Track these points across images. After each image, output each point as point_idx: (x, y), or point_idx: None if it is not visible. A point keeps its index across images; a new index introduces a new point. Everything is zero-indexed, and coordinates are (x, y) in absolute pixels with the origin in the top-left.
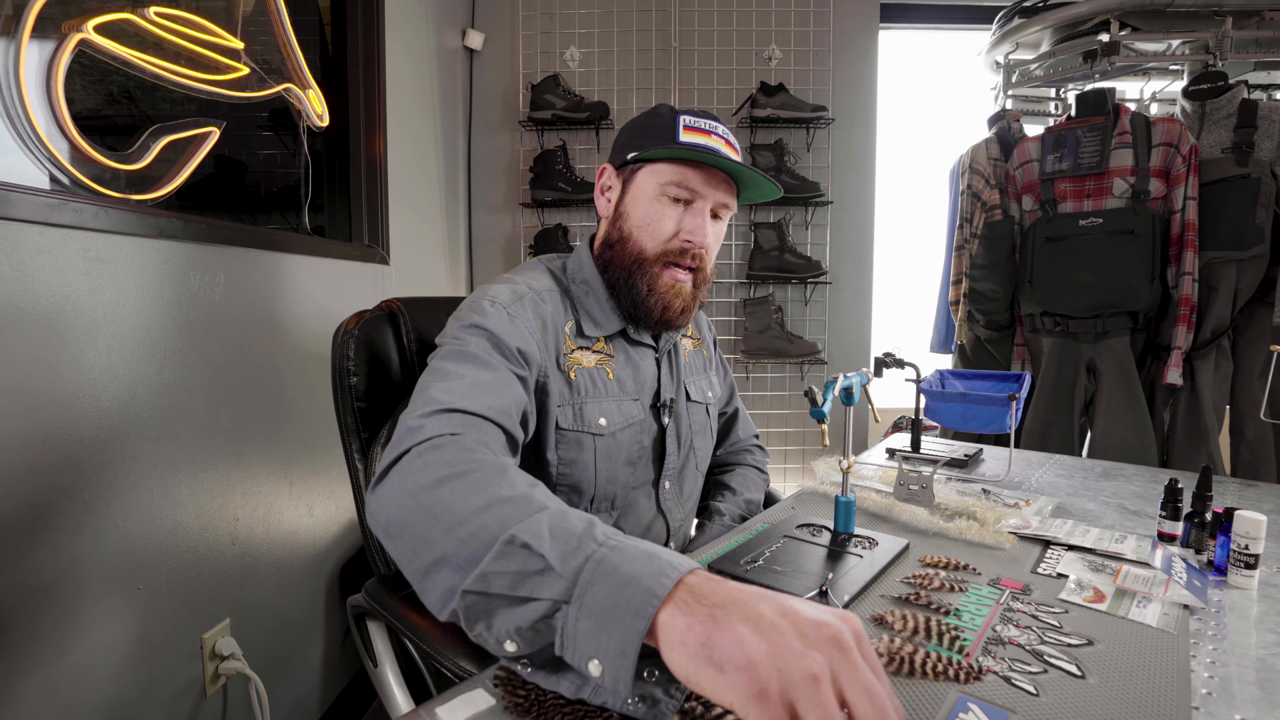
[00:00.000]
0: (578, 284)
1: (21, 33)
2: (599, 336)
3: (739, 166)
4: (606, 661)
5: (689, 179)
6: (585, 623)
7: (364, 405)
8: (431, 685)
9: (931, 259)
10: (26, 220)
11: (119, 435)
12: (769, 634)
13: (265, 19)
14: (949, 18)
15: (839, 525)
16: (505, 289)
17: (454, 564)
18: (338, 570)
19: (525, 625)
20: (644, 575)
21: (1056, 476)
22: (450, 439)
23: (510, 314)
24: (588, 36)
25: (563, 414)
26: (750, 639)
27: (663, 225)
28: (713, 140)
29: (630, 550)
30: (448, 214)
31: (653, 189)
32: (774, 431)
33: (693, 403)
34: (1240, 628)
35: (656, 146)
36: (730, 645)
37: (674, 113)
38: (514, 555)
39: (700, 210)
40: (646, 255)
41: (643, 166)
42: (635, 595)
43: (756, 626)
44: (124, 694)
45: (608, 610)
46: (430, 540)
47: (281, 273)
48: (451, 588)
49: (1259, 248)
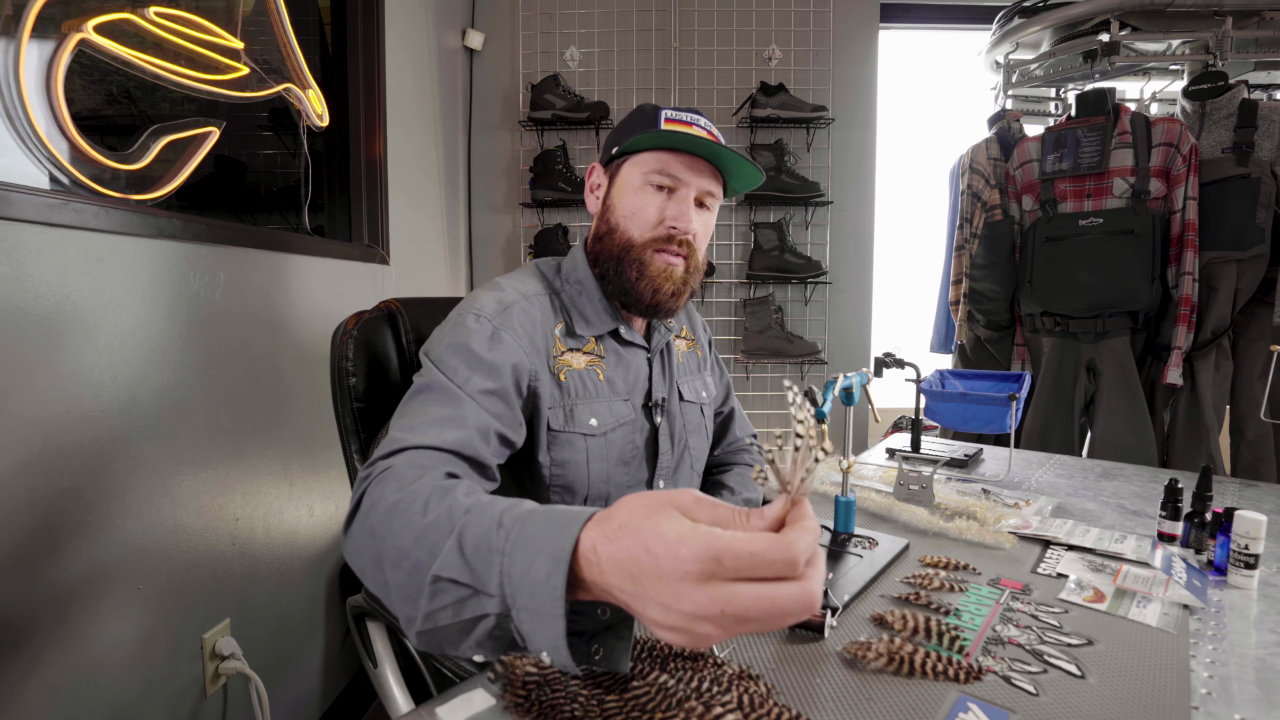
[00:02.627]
0: (571, 284)
1: (21, 33)
2: (589, 337)
3: (719, 148)
4: (553, 654)
5: (670, 166)
6: (527, 624)
7: (363, 406)
8: (432, 685)
9: (931, 259)
10: (26, 220)
11: (119, 435)
12: (665, 599)
13: (265, 19)
14: (949, 18)
15: (839, 525)
16: (491, 300)
17: (406, 597)
18: (338, 570)
19: (484, 638)
20: (544, 574)
21: (1056, 476)
22: (390, 475)
23: (495, 327)
24: (588, 36)
25: (554, 416)
26: (658, 610)
27: (647, 213)
28: (694, 130)
29: (526, 545)
30: (448, 214)
31: (637, 179)
32: (774, 432)
33: (686, 402)
34: (1240, 628)
35: (637, 138)
36: (658, 629)
37: (656, 108)
38: (444, 591)
39: (684, 197)
40: (634, 243)
41: (627, 160)
42: (547, 599)
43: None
44: (124, 693)
45: (536, 614)
46: (385, 582)
47: (281, 273)
48: (410, 618)
49: (1259, 248)
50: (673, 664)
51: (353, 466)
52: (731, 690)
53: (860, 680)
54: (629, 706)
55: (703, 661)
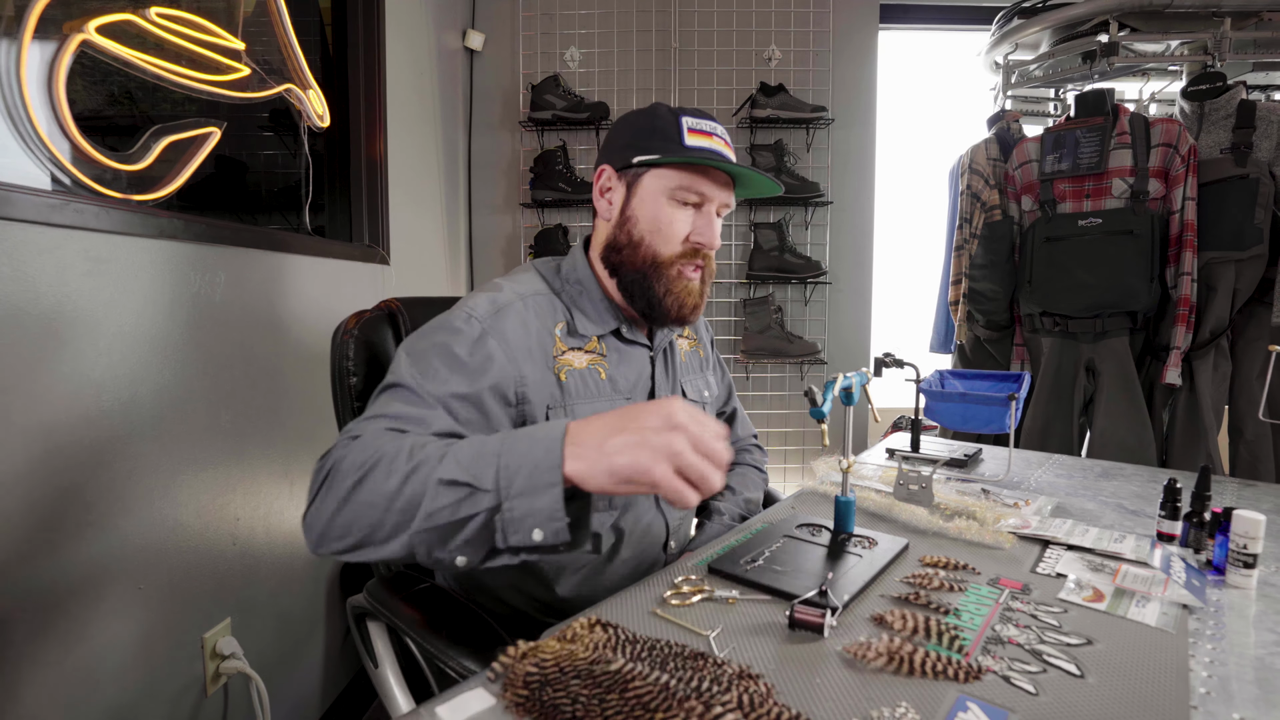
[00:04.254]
0: (571, 284)
1: (23, 33)
2: (592, 336)
3: (746, 171)
4: (547, 522)
5: (698, 184)
6: (520, 507)
7: (363, 406)
8: (434, 684)
9: (931, 259)
10: (28, 220)
11: (120, 435)
12: (639, 438)
13: (266, 19)
14: (948, 18)
15: (839, 525)
16: (485, 301)
17: (400, 525)
18: (338, 570)
19: (473, 537)
20: (539, 456)
21: (1056, 476)
22: (351, 443)
23: (484, 329)
24: (588, 37)
25: (554, 415)
26: (627, 445)
27: (675, 229)
28: (714, 142)
29: (519, 445)
30: (448, 214)
31: (661, 192)
32: (774, 431)
33: (689, 401)
34: (1239, 627)
35: (661, 150)
36: (620, 456)
37: (674, 114)
38: (445, 492)
39: (710, 213)
40: (662, 259)
41: (648, 170)
42: (543, 474)
43: (628, 437)
44: (125, 693)
45: (530, 492)
46: (377, 523)
47: (282, 273)
48: (404, 539)
49: (1258, 248)
50: (672, 663)
51: None
52: (731, 690)
53: (860, 680)
54: (629, 706)
55: (703, 661)
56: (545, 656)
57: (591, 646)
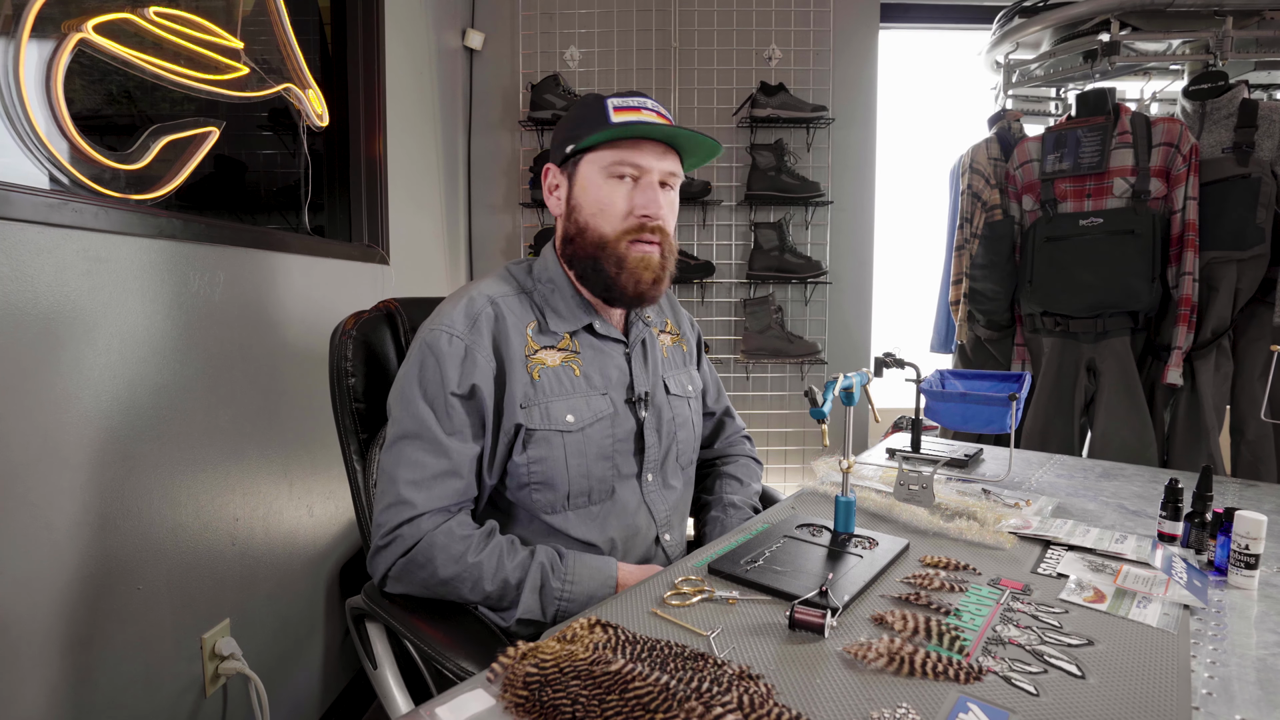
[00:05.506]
0: (543, 283)
1: (21, 32)
2: (563, 333)
3: (673, 130)
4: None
5: (630, 156)
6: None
7: (362, 406)
8: (432, 685)
9: (931, 259)
10: (26, 220)
11: (118, 435)
12: None
13: (265, 19)
14: (949, 18)
15: (839, 525)
16: (460, 314)
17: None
18: (337, 571)
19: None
20: (595, 589)
21: (1056, 476)
22: (429, 549)
23: (468, 345)
24: (588, 36)
25: (528, 415)
26: None
27: (615, 206)
28: (644, 115)
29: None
30: (448, 214)
31: (597, 174)
32: (774, 431)
33: (673, 396)
34: (1240, 628)
35: (589, 135)
36: None
37: (599, 99)
38: (511, 615)
39: (649, 184)
40: (608, 238)
41: (583, 157)
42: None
43: None
44: (124, 694)
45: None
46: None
47: (281, 273)
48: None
49: (1259, 248)
50: (673, 664)
51: (351, 466)
52: (731, 690)
53: (861, 681)
54: (629, 706)
55: (703, 661)
56: (545, 657)
57: (591, 647)
